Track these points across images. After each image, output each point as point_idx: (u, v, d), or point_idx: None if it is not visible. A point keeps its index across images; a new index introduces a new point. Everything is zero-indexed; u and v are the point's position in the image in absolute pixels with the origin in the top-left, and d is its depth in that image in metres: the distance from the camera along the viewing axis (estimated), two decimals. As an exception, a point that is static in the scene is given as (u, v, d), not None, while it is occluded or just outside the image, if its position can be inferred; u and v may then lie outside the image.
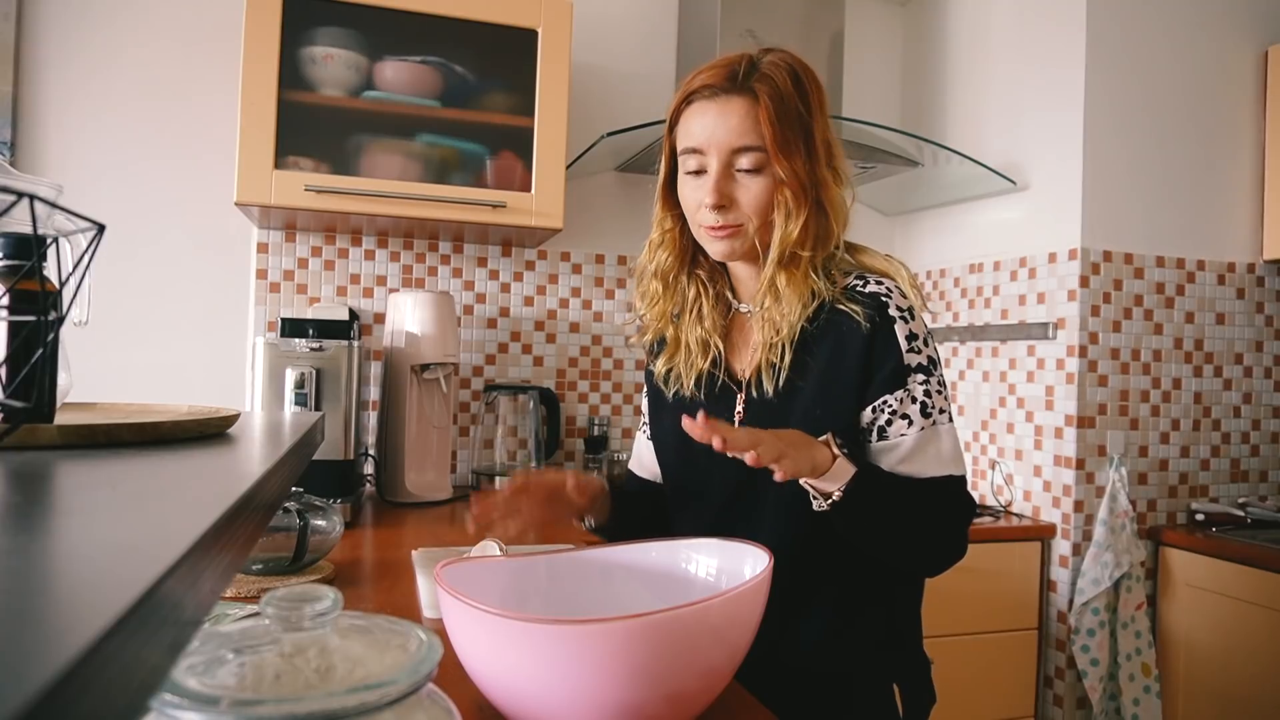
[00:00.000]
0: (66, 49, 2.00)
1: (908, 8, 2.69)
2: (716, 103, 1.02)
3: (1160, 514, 2.14)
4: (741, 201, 1.02)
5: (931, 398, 1.00)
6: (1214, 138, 2.19)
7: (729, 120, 1.01)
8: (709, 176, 1.02)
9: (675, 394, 1.14)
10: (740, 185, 1.02)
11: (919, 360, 1.00)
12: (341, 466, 1.72)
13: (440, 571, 0.76)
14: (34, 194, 0.51)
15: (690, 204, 1.06)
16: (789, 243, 1.01)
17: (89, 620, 0.23)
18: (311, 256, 2.16)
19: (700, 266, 1.14)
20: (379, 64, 1.89)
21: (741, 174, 1.02)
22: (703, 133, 1.02)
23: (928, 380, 1.00)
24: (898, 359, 0.99)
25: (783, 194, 1.00)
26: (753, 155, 1.01)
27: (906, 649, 1.09)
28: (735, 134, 1.00)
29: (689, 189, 1.06)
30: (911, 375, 0.99)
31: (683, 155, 1.05)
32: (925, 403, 0.99)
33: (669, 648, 0.66)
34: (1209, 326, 2.19)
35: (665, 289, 1.13)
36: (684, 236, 1.12)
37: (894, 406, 0.99)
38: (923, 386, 0.99)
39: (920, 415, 0.99)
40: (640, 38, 2.39)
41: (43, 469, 0.55)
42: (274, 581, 1.19)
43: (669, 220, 1.12)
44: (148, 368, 2.04)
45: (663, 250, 1.13)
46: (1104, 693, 2.01)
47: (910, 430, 0.99)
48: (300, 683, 0.48)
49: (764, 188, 1.01)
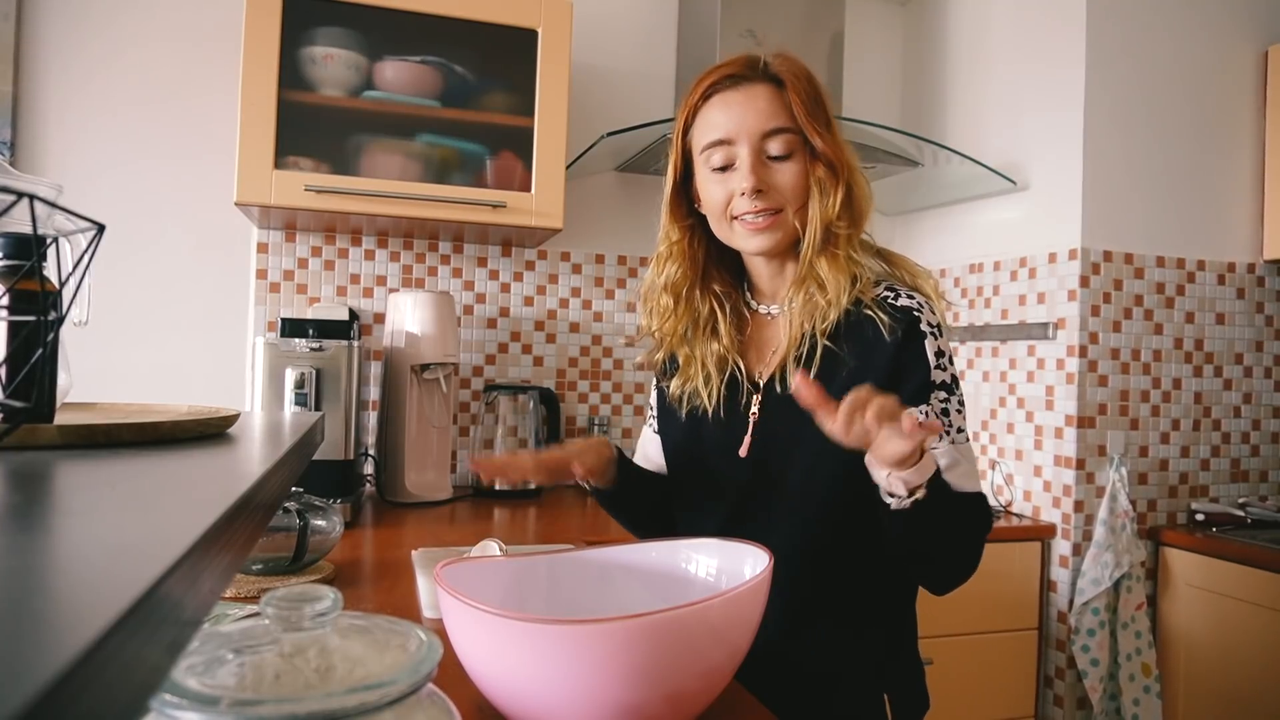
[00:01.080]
0: (66, 49, 2.00)
1: (908, 8, 2.69)
2: (741, 90, 1.00)
3: (1160, 514, 2.14)
4: (778, 185, 1.00)
5: (951, 416, 0.98)
6: (1214, 138, 2.19)
7: (756, 103, 0.99)
8: (742, 164, 0.99)
9: (697, 410, 1.09)
10: (773, 170, 1.00)
11: (944, 378, 0.98)
12: (341, 466, 1.72)
13: (440, 571, 0.76)
14: (34, 194, 0.51)
15: (718, 201, 1.02)
16: (829, 218, 0.99)
17: (89, 620, 0.23)
18: (311, 256, 2.16)
19: (715, 280, 1.10)
20: (379, 64, 1.89)
21: (773, 161, 1.00)
22: (729, 122, 1.00)
23: (948, 400, 0.98)
24: (925, 374, 0.97)
25: (818, 171, 0.99)
26: (784, 138, 0.99)
27: (904, 654, 1.07)
28: (765, 116, 0.98)
29: (715, 186, 1.02)
30: (935, 392, 0.97)
31: (705, 152, 1.02)
32: (945, 422, 0.97)
33: (669, 648, 0.66)
34: (1209, 326, 2.19)
35: (677, 304, 1.09)
36: (694, 248, 1.09)
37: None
38: (943, 405, 0.97)
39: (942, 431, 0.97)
40: (640, 38, 2.39)
41: (43, 469, 0.55)
42: (274, 581, 1.19)
43: (676, 232, 1.09)
44: (148, 368, 2.04)
45: (671, 264, 1.09)
46: (1104, 693, 2.01)
47: (942, 445, 0.96)
48: (300, 683, 0.48)
49: (798, 170, 0.99)
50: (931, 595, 1.03)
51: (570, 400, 2.34)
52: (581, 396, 2.35)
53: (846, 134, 1.07)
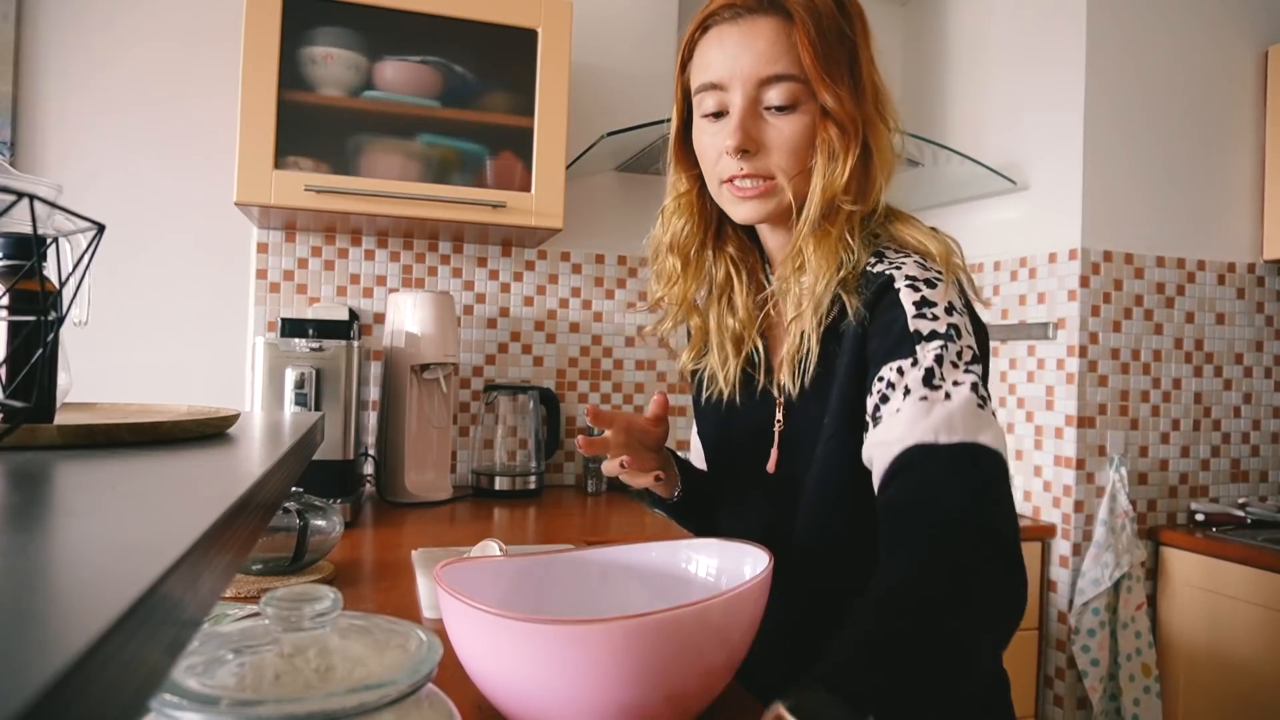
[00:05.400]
0: (66, 49, 2.00)
1: (908, 8, 2.68)
2: (740, 25, 0.83)
3: (1160, 514, 2.14)
4: (771, 145, 0.84)
5: (944, 367, 0.76)
6: (1214, 138, 2.19)
7: (756, 44, 0.82)
8: (732, 115, 0.84)
9: (714, 395, 0.97)
10: (770, 126, 0.84)
11: (932, 326, 0.77)
12: (341, 466, 1.72)
13: (440, 571, 0.76)
14: (34, 194, 0.51)
15: (709, 154, 0.88)
16: (834, 190, 0.82)
17: (89, 620, 0.23)
18: (311, 256, 2.16)
19: (728, 240, 0.96)
20: (379, 64, 1.89)
21: (771, 113, 0.84)
22: (723, 63, 0.84)
23: (944, 347, 0.76)
24: (902, 325, 0.78)
25: (827, 131, 0.82)
26: (786, 87, 0.82)
27: None
28: (764, 60, 0.82)
29: (706, 136, 0.87)
30: (922, 343, 0.77)
31: (698, 95, 0.87)
32: (932, 369, 0.75)
33: (669, 648, 0.66)
34: (1209, 326, 2.19)
35: (685, 266, 0.95)
36: (704, 200, 0.94)
37: (888, 378, 0.77)
38: (937, 353, 0.76)
39: (922, 384, 0.75)
40: (640, 38, 2.39)
41: (43, 469, 0.55)
42: (274, 581, 1.19)
43: (684, 182, 0.95)
44: (148, 368, 2.04)
45: (678, 218, 0.95)
46: (1104, 693, 2.01)
47: (897, 402, 0.75)
48: (300, 683, 0.48)
49: (800, 127, 0.83)
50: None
51: (570, 400, 2.34)
52: (581, 396, 2.35)
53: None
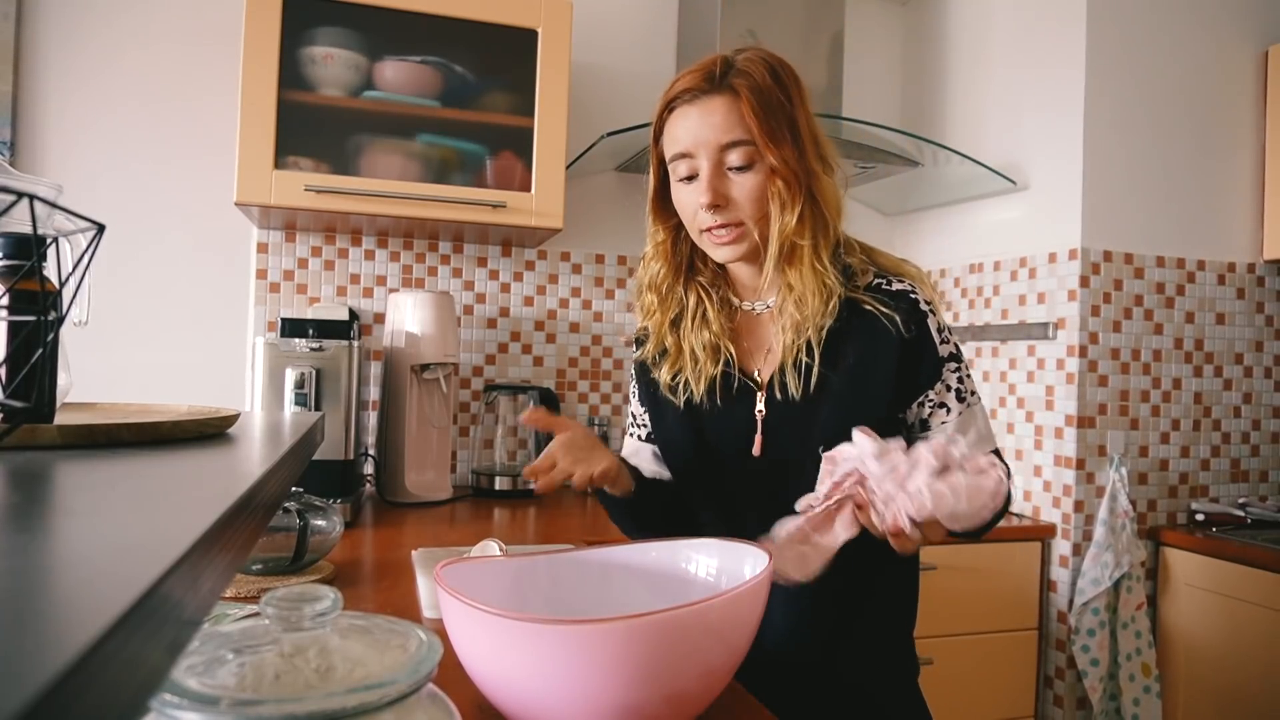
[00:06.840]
0: (66, 49, 2.00)
1: (908, 8, 2.68)
2: (697, 105, 1.01)
3: (1160, 514, 2.14)
4: (737, 198, 1.01)
5: (964, 382, 1.03)
6: (1214, 138, 2.19)
7: (712, 118, 1.00)
8: (702, 177, 1.01)
9: (686, 400, 1.10)
10: (733, 183, 1.01)
11: (949, 350, 1.03)
12: (341, 466, 1.72)
13: (440, 571, 0.76)
14: (34, 194, 0.51)
15: (687, 210, 1.05)
16: (787, 234, 1.00)
17: (89, 620, 0.23)
18: (311, 256, 2.16)
19: (700, 274, 1.12)
20: (379, 64, 1.89)
21: (733, 172, 1.01)
22: (688, 136, 1.01)
23: (959, 368, 1.03)
24: (934, 351, 1.02)
25: (775, 184, 1.00)
26: (742, 150, 1.00)
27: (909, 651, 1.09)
28: (720, 130, 1.00)
29: (684, 195, 1.05)
30: (945, 365, 1.02)
31: (672, 163, 1.05)
32: (959, 389, 1.03)
33: (669, 648, 0.66)
34: (1209, 326, 2.19)
35: (660, 300, 1.12)
36: (677, 246, 1.11)
37: (934, 399, 1.02)
38: (955, 375, 1.03)
39: (956, 400, 1.02)
40: (640, 38, 2.39)
41: (43, 469, 0.55)
42: (274, 581, 1.19)
43: (661, 233, 1.12)
44: (148, 368, 2.04)
45: (655, 262, 1.12)
46: (1104, 693, 2.01)
47: (950, 417, 1.02)
48: (300, 683, 0.48)
49: (757, 182, 1.01)
50: (933, 595, 1.03)
51: (570, 400, 2.34)
52: (581, 396, 2.35)
53: (846, 134, 1.06)
